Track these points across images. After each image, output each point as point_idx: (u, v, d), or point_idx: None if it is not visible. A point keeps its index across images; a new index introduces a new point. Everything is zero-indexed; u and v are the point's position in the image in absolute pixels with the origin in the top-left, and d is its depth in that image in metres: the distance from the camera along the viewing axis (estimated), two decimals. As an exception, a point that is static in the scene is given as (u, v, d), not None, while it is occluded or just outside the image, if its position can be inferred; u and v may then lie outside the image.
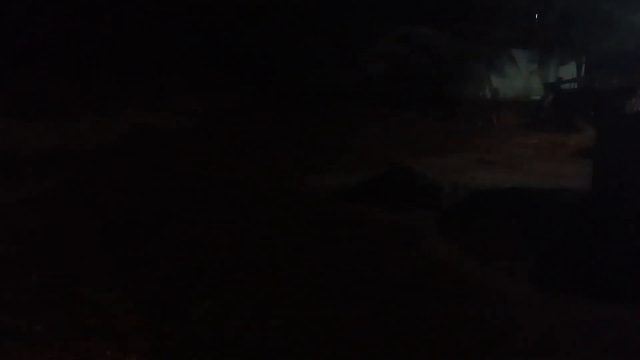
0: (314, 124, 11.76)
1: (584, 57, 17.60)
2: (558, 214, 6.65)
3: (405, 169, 8.06)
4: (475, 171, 9.15)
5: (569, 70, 17.51)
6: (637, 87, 13.19)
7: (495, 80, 16.48)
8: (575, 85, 16.98)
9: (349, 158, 9.52)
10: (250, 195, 7.59)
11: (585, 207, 6.35)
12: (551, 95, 15.74)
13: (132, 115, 11.18)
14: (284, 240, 6.06)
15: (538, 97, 16.53)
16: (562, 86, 16.50)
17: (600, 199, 6.04)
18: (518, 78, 16.87)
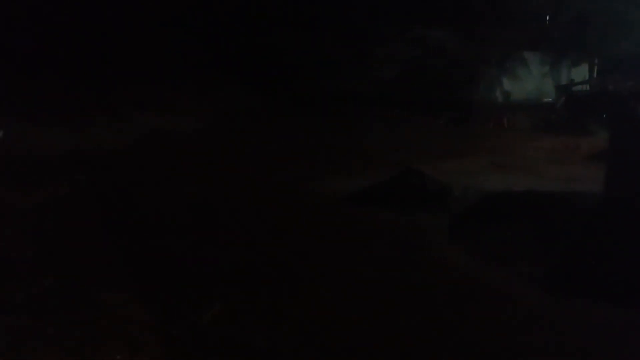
0: (326, 127, 11.76)
1: (597, 59, 17.47)
2: (571, 218, 6.59)
3: (417, 172, 8.04)
4: (487, 174, 9.11)
5: (581, 73, 17.39)
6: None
7: (507, 83, 16.41)
8: (588, 88, 16.85)
9: (360, 161, 9.52)
10: (262, 198, 7.61)
11: (599, 211, 6.29)
12: (564, 98, 15.64)
13: (145, 118, 11.26)
14: (296, 244, 6.06)
15: (551, 99, 16.42)
16: (575, 89, 16.39)
17: (614, 203, 5.98)
18: (530, 80, 16.78)
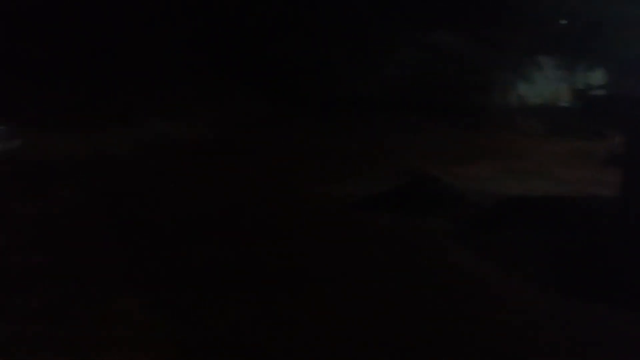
0: (337, 133, 11.74)
1: (613, 63, 17.29)
2: (588, 223, 6.52)
3: (430, 177, 8.00)
4: (502, 180, 9.03)
5: (597, 77, 17.22)
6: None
7: (522, 87, 16.29)
8: (604, 92, 16.68)
9: (372, 167, 9.47)
10: (273, 204, 7.61)
11: (616, 216, 6.22)
12: (579, 102, 15.49)
13: (154, 125, 11.33)
14: (308, 249, 6.05)
15: (566, 104, 16.28)
16: (591, 93, 16.23)
17: (631, 208, 5.92)
18: (546, 85, 16.65)
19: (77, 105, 11.51)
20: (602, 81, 17.12)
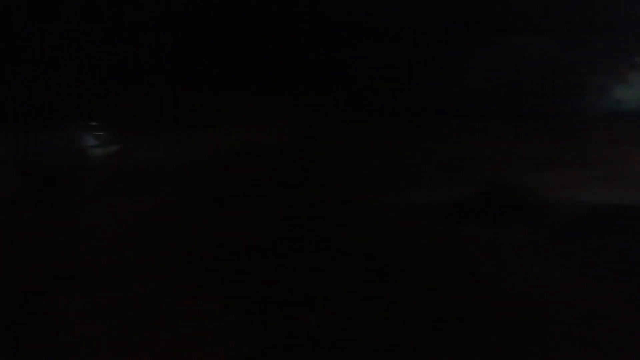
0: (413, 139, 11.59)
1: None
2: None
3: (511, 185, 7.79)
4: (591, 188, 8.62)
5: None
6: None
7: (616, 90, 15.47)
8: None
9: (449, 174, 9.29)
10: (350, 211, 7.64)
11: None
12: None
13: (233, 132, 11.69)
14: (386, 257, 6.06)
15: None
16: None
17: None
18: (643, 87, 15.72)
19: (169, 114, 12.14)
20: None
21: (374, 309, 4.86)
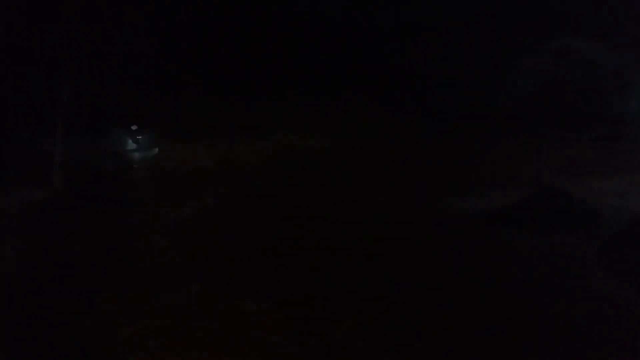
0: (461, 144, 11.44)
1: None
2: None
3: (560, 191, 7.57)
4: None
5: None
6: None
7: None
8: None
9: (497, 179, 9.12)
10: (395, 215, 7.56)
11: None
12: None
13: (281, 137, 11.73)
14: (429, 264, 5.96)
15: None
16: None
17: None
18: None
19: (210, 119, 12.27)
20: None
21: (418, 314, 4.78)
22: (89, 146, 9.15)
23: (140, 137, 9.56)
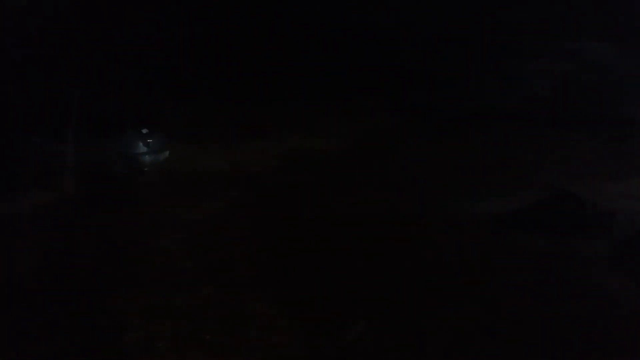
0: (471, 146, 11.39)
1: None
2: None
3: (573, 194, 7.50)
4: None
5: None
6: None
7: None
8: None
9: (510, 182, 9.05)
10: (405, 218, 7.53)
11: None
12: None
13: (291, 139, 11.74)
14: (440, 266, 5.94)
15: None
16: None
17: None
18: None
19: (222, 123, 12.33)
20: None
21: (428, 316, 4.77)
22: (100, 149, 9.20)
23: (151, 140, 9.60)
